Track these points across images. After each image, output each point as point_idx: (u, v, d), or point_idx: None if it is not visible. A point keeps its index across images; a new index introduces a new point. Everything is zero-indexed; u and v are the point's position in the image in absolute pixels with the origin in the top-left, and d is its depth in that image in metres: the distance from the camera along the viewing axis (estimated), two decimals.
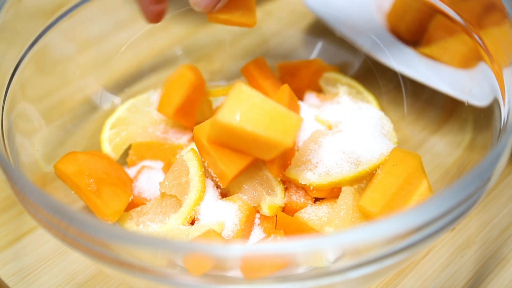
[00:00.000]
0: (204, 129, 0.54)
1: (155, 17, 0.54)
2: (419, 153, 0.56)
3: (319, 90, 0.70)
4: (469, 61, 0.62)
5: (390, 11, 0.75)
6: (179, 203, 0.55)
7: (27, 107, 0.60)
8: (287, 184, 0.58)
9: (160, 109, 0.62)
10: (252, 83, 0.64)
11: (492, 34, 0.57)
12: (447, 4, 0.63)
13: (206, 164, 0.55)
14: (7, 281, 0.57)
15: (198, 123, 0.56)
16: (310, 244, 0.38)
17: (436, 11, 0.64)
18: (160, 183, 0.56)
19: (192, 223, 0.55)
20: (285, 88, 0.59)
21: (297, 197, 0.57)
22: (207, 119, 0.57)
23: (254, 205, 0.55)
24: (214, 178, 0.55)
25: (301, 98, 0.67)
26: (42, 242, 0.60)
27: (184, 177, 0.55)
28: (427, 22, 0.69)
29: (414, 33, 0.72)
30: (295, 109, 0.61)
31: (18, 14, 0.60)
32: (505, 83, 0.53)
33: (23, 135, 0.57)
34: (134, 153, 0.64)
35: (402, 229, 0.38)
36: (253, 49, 0.80)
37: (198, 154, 0.56)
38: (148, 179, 0.60)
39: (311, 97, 0.67)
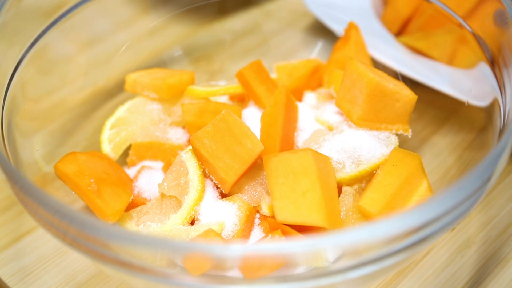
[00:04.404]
0: (201, 137, 0.54)
1: None
2: (419, 153, 0.56)
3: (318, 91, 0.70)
4: (469, 61, 0.62)
5: (389, 10, 0.75)
6: (179, 203, 0.55)
7: (27, 107, 0.60)
8: None
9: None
10: (246, 88, 0.64)
11: (492, 34, 0.57)
12: (447, 4, 0.63)
13: (207, 171, 0.56)
14: (7, 281, 0.57)
15: None
16: (310, 244, 0.38)
17: (435, 10, 0.64)
18: (159, 185, 0.56)
19: (192, 223, 0.55)
20: (282, 89, 0.59)
21: None
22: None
23: (254, 205, 0.55)
24: (214, 180, 0.56)
25: (300, 98, 0.67)
26: (42, 242, 0.60)
27: (183, 177, 0.55)
28: (427, 22, 0.69)
29: (414, 32, 0.72)
30: (293, 109, 0.61)
31: (18, 14, 0.60)
32: (505, 83, 0.53)
33: (23, 135, 0.57)
34: (134, 153, 0.64)
35: (402, 229, 0.38)
36: (253, 49, 0.80)
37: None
38: (148, 179, 0.60)
39: (310, 98, 0.67)
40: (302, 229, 0.53)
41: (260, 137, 0.57)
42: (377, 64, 0.69)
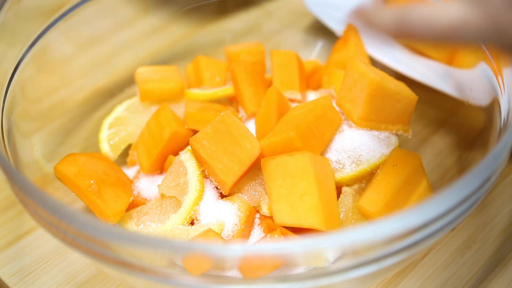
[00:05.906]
0: (200, 139, 0.54)
1: None
2: (419, 153, 0.56)
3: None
4: (469, 61, 0.62)
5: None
6: (178, 203, 0.55)
7: (27, 107, 0.60)
8: None
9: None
10: (235, 86, 0.64)
11: None
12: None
13: (206, 172, 0.56)
14: (7, 281, 0.57)
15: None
16: (310, 244, 0.38)
17: None
18: (158, 186, 0.56)
19: (192, 223, 0.55)
20: (273, 90, 0.59)
21: None
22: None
23: (254, 205, 0.55)
24: (214, 181, 0.56)
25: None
26: (42, 242, 0.60)
27: (183, 178, 0.55)
28: None
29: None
30: (287, 109, 0.61)
31: (18, 14, 0.60)
32: (505, 83, 0.53)
33: (23, 135, 0.57)
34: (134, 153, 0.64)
35: (402, 229, 0.38)
36: None
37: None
38: (148, 179, 0.60)
39: (313, 97, 0.67)
40: (300, 231, 0.53)
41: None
42: (376, 64, 0.69)
